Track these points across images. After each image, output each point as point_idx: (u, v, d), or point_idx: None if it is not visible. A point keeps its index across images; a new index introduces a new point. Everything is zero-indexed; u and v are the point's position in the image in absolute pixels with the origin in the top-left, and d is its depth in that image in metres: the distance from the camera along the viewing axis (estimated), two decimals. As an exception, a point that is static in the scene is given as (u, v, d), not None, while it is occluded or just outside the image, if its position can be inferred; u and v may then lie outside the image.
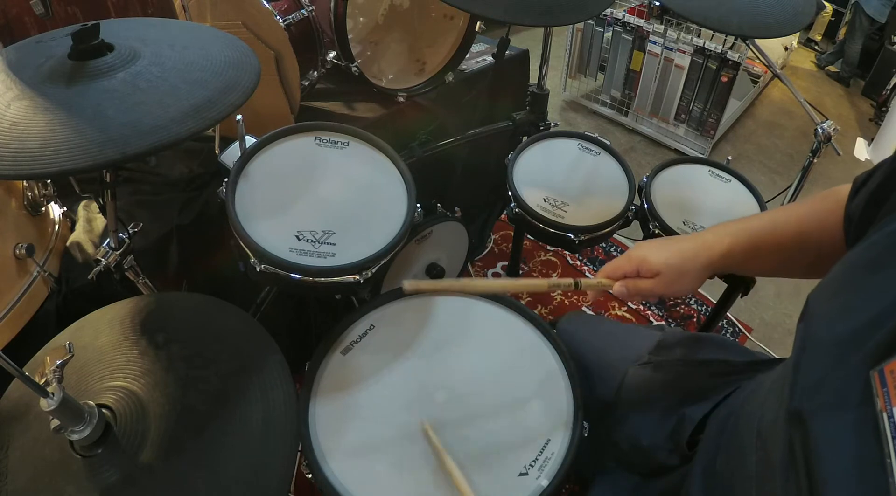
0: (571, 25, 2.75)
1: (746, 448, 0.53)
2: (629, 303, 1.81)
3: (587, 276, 1.89)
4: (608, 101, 2.93)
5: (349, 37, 1.19)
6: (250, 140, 0.88)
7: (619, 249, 2.02)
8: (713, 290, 1.78)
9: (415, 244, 1.19)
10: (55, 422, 0.52)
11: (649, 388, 0.81)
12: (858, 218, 0.54)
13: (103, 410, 0.57)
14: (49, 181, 0.91)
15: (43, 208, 0.89)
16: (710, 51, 2.39)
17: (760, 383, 0.61)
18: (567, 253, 1.96)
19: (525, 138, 1.32)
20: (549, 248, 1.98)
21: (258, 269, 0.77)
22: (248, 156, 0.86)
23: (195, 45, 0.73)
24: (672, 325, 1.78)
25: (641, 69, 2.66)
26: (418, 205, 0.88)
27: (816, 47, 4.12)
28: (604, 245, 2.02)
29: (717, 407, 0.69)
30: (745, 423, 0.57)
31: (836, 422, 0.39)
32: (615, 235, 1.34)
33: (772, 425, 0.48)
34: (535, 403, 0.80)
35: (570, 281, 0.72)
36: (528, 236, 1.78)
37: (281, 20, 1.12)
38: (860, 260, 0.47)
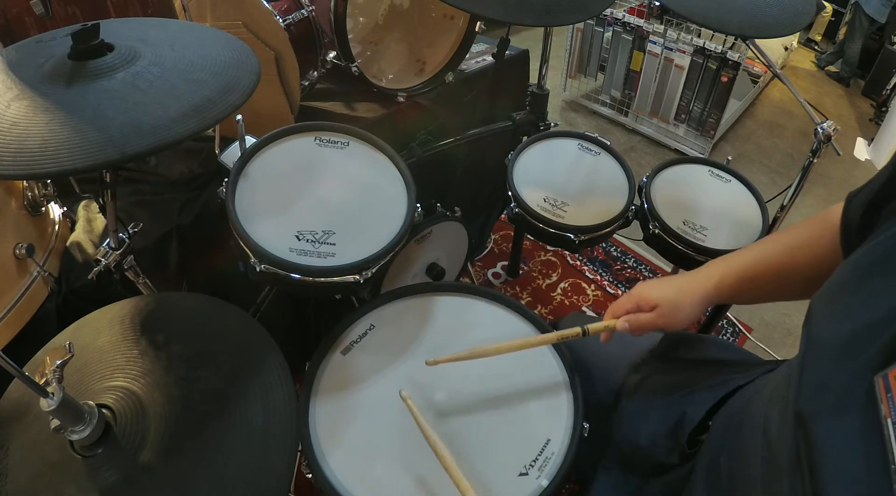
0: (571, 25, 2.75)
1: (751, 448, 0.53)
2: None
3: (587, 277, 1.90)
4: (608, 101, 2.93)
5: (349, 37, 1.19)
6: (250, 140, 0.88)
7: (619, 249, 2.02)
8: (713, 290, 1.78)
9: (415, 244, 1.19)
10: (55, 422, 0.52)
11: (649, 388, 0.81)
12: (858, 224, 0.54)
13: (103, 410, 0.57)
14: (49, 181, 0.91)
15: (43, 208, 0.89)
16: (710, 51, 2.39)
17: (765, 384, 0.61)
18: (567, 253, 1.96)
19: (525, 138, 1.32)
20: (549, 247, 1.98)
21: (258, 269, 0.77)
22: (248, 156, 0.86)
23: (195, 45, 0.73)
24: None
25: (641, 69, 2.66)
26: (418, 205, 0.88)
27: (816, 47, 4.12)
28: (604, 245, 2.02)
29: (721, 407, 0.69)
30: (749, 424, 0.57)
31: (840, 425, 0.39)
32: (615, 235, 1.34)
33: (779, 426, 0.48)
34: (535, 403, 0.80)
35: (577, 330, 0.78)
36: (528, 236, 1.78)
37: (281, 20, 1.12)
38: (863, 262, 0.47)
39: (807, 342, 0.47)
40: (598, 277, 1.90)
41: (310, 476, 0.71)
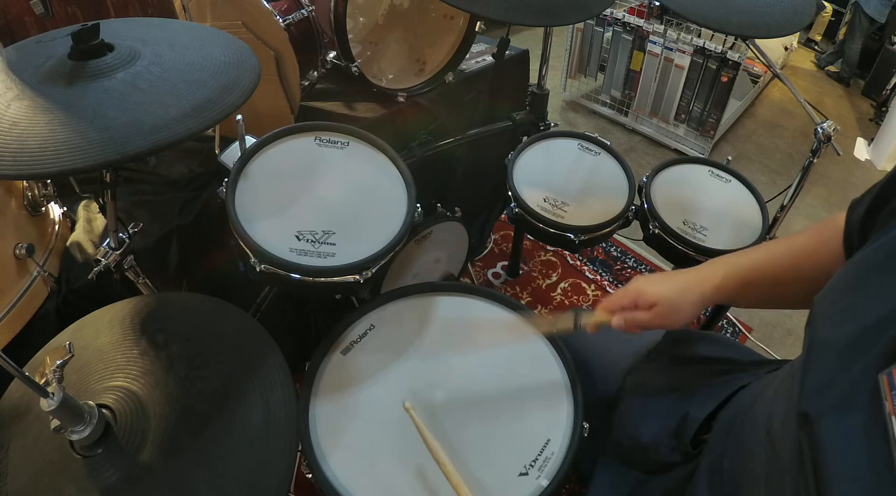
0: (571, 25, 2.75)
1: (755, 448, 0.53)
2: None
3: (587, 277, 1.90)
4: (608, 101, 2.93)
5: (349, 37, 1.19)
6: (250, 140, 0.88)
7: (619, 249, 2.02)
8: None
9: (415, 244, 1.19)
10: (55, 422, 0.52)
11: (651, 387, 0.80)
12: (860, 226, 0.55)
13: (103, 410, 0.57)
14: (49, 181, 0.91)
15: (43, 208, 0.89)
16: (710, 51, 2.39)
17: (768, 383, 0.61)
18: (567, 253, 1.96)
19: (525, 138, 1.32)
20: (549, 248, 1.98)
21: (258, 269, 0.77)
22: (248, 156, 0.86)
23: (195, 45, 0.73)
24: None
25: (641, 69, 2.66)
26: (418, 205, 0.88)
27: (816, 47, 4.12)
28: (604, 245, 2.02)
29: (724, 406, 0.69)
30: (753, 423, 0.57)
31: (844, 424, 0.39)
32: (615, 235, 1.34)
33: (782, 426, 0.48)
34: (535, 403, 0.80)
35: (569, 326, 0.78)
36: (528, 236, 1.78)
37: (281, 20, 1.12)
38: (865, 262, 0.47)
39: (810, 342, 0.47)
40: (598, 277, 1.90)
41: (310, 476, 0.71)
